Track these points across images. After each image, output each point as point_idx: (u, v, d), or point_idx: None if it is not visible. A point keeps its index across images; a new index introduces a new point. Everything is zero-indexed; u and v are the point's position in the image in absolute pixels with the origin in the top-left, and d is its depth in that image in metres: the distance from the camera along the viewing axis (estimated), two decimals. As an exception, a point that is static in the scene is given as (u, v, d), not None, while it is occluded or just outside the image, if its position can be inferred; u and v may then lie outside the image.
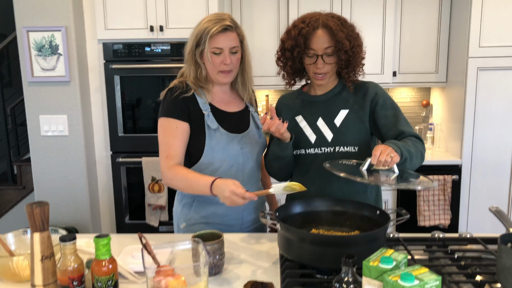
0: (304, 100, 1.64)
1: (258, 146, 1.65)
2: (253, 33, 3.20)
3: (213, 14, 1.54)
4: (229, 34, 1.51)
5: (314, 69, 1.51)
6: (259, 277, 1.23)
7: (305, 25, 1.47)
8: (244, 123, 1.64)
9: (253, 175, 1.65)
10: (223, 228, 1.62)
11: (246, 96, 1.67)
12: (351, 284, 0.94)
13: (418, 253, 1.34)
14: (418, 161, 1.42)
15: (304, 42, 1.47)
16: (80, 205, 2.88)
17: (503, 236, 1.08)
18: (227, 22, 1.50)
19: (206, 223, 1.62)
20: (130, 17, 2.79)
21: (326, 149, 1.55)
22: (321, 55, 1.47)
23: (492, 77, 2.84)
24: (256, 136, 1.65)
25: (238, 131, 1.60)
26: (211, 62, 1.52)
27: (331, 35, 1.46)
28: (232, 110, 1.64)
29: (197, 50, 1.54)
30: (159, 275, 1.01)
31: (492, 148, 2.89)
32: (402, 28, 3.14)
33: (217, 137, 1.55)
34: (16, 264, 1.18)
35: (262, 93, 3.56)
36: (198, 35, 1.51)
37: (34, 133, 2.81)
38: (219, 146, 1.55)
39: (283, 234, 1.23)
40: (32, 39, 2.70)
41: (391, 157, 1.26)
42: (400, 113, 1.54)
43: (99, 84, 2.91)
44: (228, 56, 1.52)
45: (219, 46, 1.50)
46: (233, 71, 1.57)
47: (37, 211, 1.05)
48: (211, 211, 1.61)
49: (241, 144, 1.59)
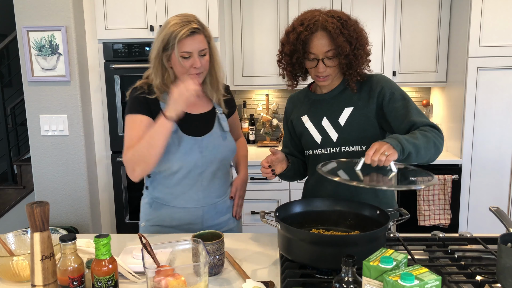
0: (310, 99, 1.61)
1: (222, 149, 1.61)
2: (253, 33, 3.20)
3: (179, 16, 1.51)
4: (197, 37, 1.49)
5: (315, 73, 1.47)
6: (259, 277, 1.23)
7: (304, 29, 1.41)
8: (208, 125, 1.61)
9: (215, 179, 1.62)
10: (182, 232, 1.61)
11: (215, 97, 1.64)
12: (351, 284, 0.94)
13: (418, 253, 1.34)
14: (431, 152, 1.32)
15: (303, 47, 1.42)
16: (80, 205, 2.88)
17: (503, 236, 1.08)
18: (194, 25, 1.48)
19: (163, 226, 1.62)
20: (130, 17, 2.79)
21: (332, 149, 1.52)
22: (322, 59, 1.43)
23: (492, 76, 2.84)
24: (220, 139, 1.61)
25: (199, 134, 1.58)
26: (183, 66, 1.50)
27: (331, 38, 1.40)
28: (197, 112, 1.61)
29: (164, 54, 1.51)
30: (159, 275, 1.01)
31: (492, 148, 2.90)
32: (402, 28, 3.14)
33: (174, 139, 1.53)
34: (16, 264, 1.19)
35: (262, 93, 3.56)
36: (165, 39, 1.48)
37: (34, 133, 2.81)
38: (175, 149, 1.54)
39: (283, 234, 1.23)
40: (32, 39, 2.70)
41: (385, 156, 1.20)
42: (411, 102, 1.45)
43: (99, 83, 2.91)
44: (197, 59, 1.50)
45: (187, 50, 1.48)
46: (203, 73, 1.55)
47: (37, 211, 1.05)
48: (168, 214, 1.61)
49: (201, 148, 1.57)
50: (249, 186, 3.01)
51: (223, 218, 1.68)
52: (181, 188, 1.58)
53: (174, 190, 1.59)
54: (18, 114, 4.46)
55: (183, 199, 1.59)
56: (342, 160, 1.44)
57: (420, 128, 1.36)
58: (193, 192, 1.59)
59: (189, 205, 1.60)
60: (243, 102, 3.57)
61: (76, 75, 2.75)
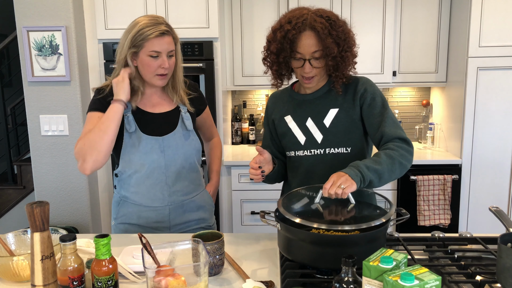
0: (294, 99, 1.57)
1: (185, 148, 1.62)
2: (253, 33, 3.20)
3: (148, 17, 1.53)
4: (166, 38, 1.51)
5: (301, 73, 1.44)
6: (259, 277, 1.23)
7: (292, 27, 1.37)
8: (171, 124, 1.62)
9: (180, 178, 1.62)
10: (149, 230, 1.63)
11: (176, 98, 1.65)
12: (351, 284, 0.94)
13: (418, 253, 1.34)
14: (396, 173, 1.33)
15: (290, 46, 1.39)
16: (80, 205, 2.89)
17: (503, 236, 1.08)
18: (163, 27, 1.51)
19: (131, 224, 1.63)
20: (130, 17, 2.79)
21: (316, 151, 1.50)
22: (309, 59, 1.40)
23: (492, 76, 2.84)
24: (183, 139, 1.62)
25: (161, 134, 1.59)
26: (149, 66, 1.52)
27: (319, 38, 1.37)
28: (159, 111, 1.62)
29: (130, 52, 1.52)
30: (159, 275, 1.01)
31: (492, 148, 2.90)
32: (402, 28, 3.14)
33: (133, 139, 1.55)
34: (16, 264, 1.19)
35: (262, 93, 3.56)
36: (133, 37, 1.50)
37: (34, 133, 2.81)
38: (135, 149, 1.55)
39: (283, 234, 1.23)
40: (32, 39, 2.70)
41: (342, 189, 1.20)
42: (388, 111, 1.44)
43: (99, 84, 2.91)
44: (166, 60, 1.52)
45: (156, 49, 1.50)
46: (168, 74, 1.57)
47: (37, 211, 1.05)
48: (135, 213, 1.62)
49: (163, 147, 1.57)
50: (248, 186, 3.03)
51: (192, 217, 1.67)
52: (146, 187, 1.59)
53: (139, 189, 1.60)
54: (18, 114, 4.47)
55: (149, 198, 1.60)
56: (301, 192, 1.42)
57: (387, 145, 1.37)
58: (158, 191, 1.60)
59: (155, 204, 1.61)
60: (243, 102, 3.57)
61: (76, 75, 2.75)
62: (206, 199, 1.73)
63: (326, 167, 1.49)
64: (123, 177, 1.62)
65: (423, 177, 2.86)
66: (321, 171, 1.50)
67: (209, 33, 2.81)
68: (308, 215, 1.25)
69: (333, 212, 1.28)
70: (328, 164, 1.49)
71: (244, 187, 2.97)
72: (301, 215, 1.22)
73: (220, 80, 2.89)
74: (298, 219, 1.17)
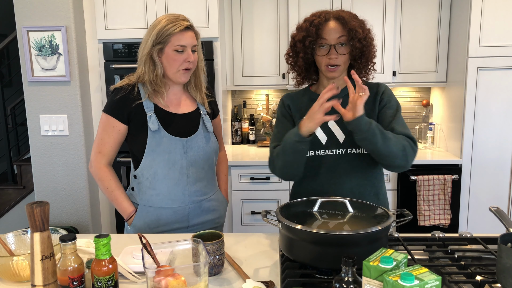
0: (313, 99, 1.55)
1: (206, 150, 1.64)
2: (253, 33, 3.20)
3: (169, 15, 1.56)
4: (189, 32, 1.56)
5: (326, 61, 1.47)
6: (259, 277, 1.23)
7: (317, 17, 1.47)
8: (193, 125, 1.64)
9: (200, 178, 1.64)
10: (168, 233, 1.62)
11: (199, 97, 1.67)
12: (351, 284, 0.94)
13: (418, 253, 1.34)
14: (395, 149, 1.36)
15: (316, 32, 1.46)
16: (80, 205, 2.89)
17: (503, 236, 1.08)
18: (187, 23, 1.55)
19: (149, 228, 1.62)
20: (130, 17, 2.79)
21: (338, 150, 1.52)
22: (334, 45, 1.45)
23: (492, 76, 2.84)
24: (204, 140, 1.64)
25: (183, 135, 1.60)
26: (175, 60, 1.54)
27: (343, 25, 1.45)
28: (182, 112, 1.64)
29: (154, 49, 1.54)
30: (159, 275, 1.01)
31: (492, 148, 2.90)
32: (402, 28, 3.14)
33: (157, 139, 1.56)
34: (16, 264, 1.19)
35: (262, 93, 3.56)
36: (158, 34, 1.52)
37: (34, 133, 2.81)
38: (160, 148, 1.56)
39: (284, 233, 1.23)
40: (32, 39, 2.70)
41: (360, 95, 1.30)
42: (400, 115, 1.52)
43: (99, 83, 2.91)
44: (191, 53, 1.55)
45: (182, 43, 1.53)
46: (192, 69, 1.59)
47: (37, 211, 1.05)
48: (155, 217, 1.61)
49: (186, 148, 1.59)
50: (249, 186, 3.03)
51: (209, 217, 1.69)
52: (167, 187, 1.60)
53: (160, 190, 1.60)
54: (18, 114, 4.47)
55: (169, 199, 1.61)
56: (298, 202, 1.40)
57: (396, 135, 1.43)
58: (179, 191, 1.61)
59: (175, 204, 1.61)
60: (243, 102, 3.57)
61: (76, 75, 2.75)
62: (220, 198, 1.75)
63: (347, 167, 1.52)
64: (143, 179, 1.61)
65: (423, 177, 2.86)
66: (342, 170, 1.53)
67: (209, 33, 2.81)
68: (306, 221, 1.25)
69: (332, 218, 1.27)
70: (348, 164, 1.52)
71: (244, 187, 2.97)
72: (300, 220, 1.22)
73: (220, 80, 2.89)
74: (299, 226, 1.17)
